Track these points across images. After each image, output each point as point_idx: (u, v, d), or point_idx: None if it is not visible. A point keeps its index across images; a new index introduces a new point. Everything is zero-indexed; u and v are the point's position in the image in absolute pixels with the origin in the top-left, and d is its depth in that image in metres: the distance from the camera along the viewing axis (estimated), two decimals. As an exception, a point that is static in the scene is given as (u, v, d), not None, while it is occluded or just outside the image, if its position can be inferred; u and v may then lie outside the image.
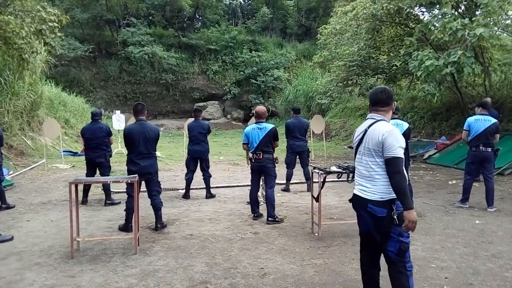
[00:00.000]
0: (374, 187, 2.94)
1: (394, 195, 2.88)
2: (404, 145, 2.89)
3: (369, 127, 3.02)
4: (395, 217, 2.87)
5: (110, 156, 7.43)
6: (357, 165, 3.14)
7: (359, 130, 3.15)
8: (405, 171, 2.89)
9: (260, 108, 6.20)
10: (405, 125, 5.86)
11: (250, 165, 6.14)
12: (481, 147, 6.41)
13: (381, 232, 2.95)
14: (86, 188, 7.26)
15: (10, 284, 3.82)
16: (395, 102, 3.60)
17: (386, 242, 2.94)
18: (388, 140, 2.84)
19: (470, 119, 6.60)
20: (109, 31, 27.35)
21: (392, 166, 2.84)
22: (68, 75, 24.23)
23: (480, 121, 6.44)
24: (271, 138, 5.95)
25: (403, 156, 2.87)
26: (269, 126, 5.96)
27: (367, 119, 3.13)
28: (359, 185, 3.08)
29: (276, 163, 6.08)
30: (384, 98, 3.06)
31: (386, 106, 3.07)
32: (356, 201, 3.10)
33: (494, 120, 6.44)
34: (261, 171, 6.01)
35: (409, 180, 3.54)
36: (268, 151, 5.92)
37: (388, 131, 2.88)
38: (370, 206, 2.93)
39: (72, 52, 22.89)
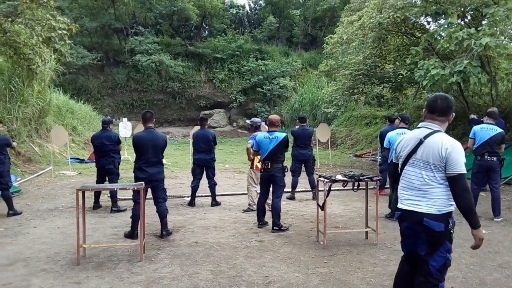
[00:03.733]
0: (429, 200, 2.70)
1: (452, 208, 2.71)
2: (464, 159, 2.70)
3: (425, 137, 2.74)
4: (452, 231, 2.72)
5: (119, 163, 7.50)
6: (406, 177, 2.85)
7: (409, 139, 2.86)
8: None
9: (274, 116, 6.18)
10: None
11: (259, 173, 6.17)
12: (486, 156, 6.31)
13: (431, 247, 2.73)
14: (97, 194, 7.34)
15: (17, 290, 3.86)
16: (405, 111, 3.47)
17: (431, 256, 2.73)
18: (452, 155, 2.62)
19: (476, 128, 6.57)
20: (117, 39, 27.66)
21: (458, 184, 2.63)
22: (76, 83, 24.50)
23: (485, 130, 6.39)
24: (282, 147, 5.89)
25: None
26: (280, 136, 5.84)
27: (420, 127, 2.85)
28: (407, 199, 2.81)
29: (286, 171, 6.04)
30: (444, 107, 2.78)
31: (444, 116, 2.79)
32: (406, 216, 2.80)
33: (500, 130, 6.37)
34: (270, 180, 5.96)
35: None
36: (277, 160, 5.86)
37: (452, 145, 2.65)
38: (426, 220, 2.67)
39: (81, 60, 23.16)
